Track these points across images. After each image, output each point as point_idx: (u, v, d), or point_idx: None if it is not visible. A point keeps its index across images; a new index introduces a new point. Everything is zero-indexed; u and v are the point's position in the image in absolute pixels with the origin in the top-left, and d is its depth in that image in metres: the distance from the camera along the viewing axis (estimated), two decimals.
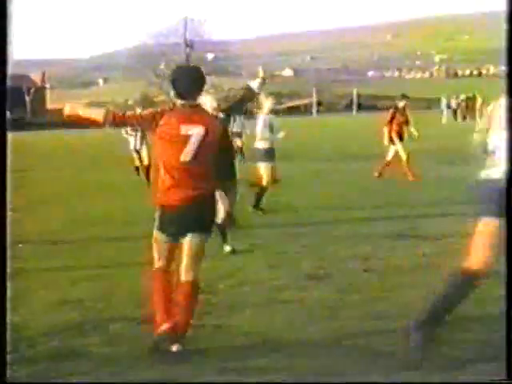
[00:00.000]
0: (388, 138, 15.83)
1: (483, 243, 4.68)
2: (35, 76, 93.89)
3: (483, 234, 4.68)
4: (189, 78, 5.16)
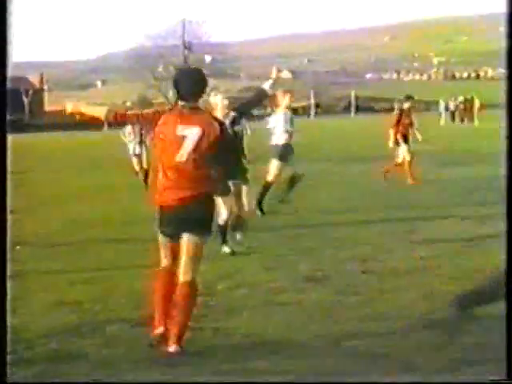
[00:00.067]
0: (394, 140, 15.73)
1: None
2: (33, 78, 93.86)
3: None
4: (190, 80, 5.20)
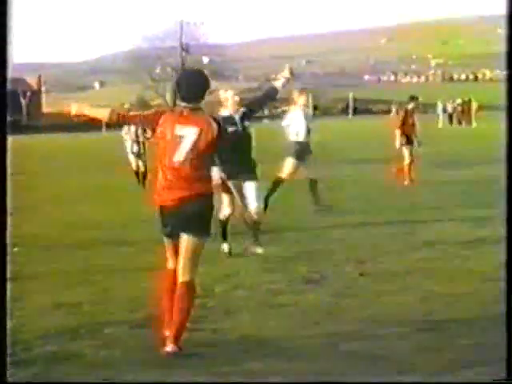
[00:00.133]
0: (400, 141, 15.68)
1: None
2: (31, 79, 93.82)
3: None
4: (190, 82, 5.23)
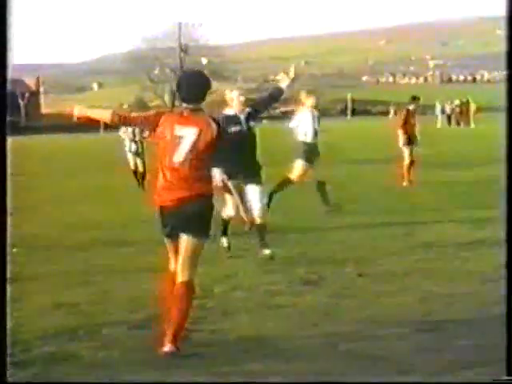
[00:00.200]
0: (403, 141, 15.67)
1: None
2: (29, 80, 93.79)
3: None
4: (191, 83, 5.26)
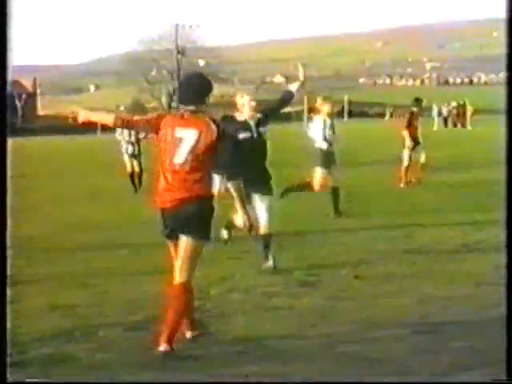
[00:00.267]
0: (408, 143, 15.59)
1: None
2: (26, 82, 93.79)
3: None
4: (191, 85, 5.29)
